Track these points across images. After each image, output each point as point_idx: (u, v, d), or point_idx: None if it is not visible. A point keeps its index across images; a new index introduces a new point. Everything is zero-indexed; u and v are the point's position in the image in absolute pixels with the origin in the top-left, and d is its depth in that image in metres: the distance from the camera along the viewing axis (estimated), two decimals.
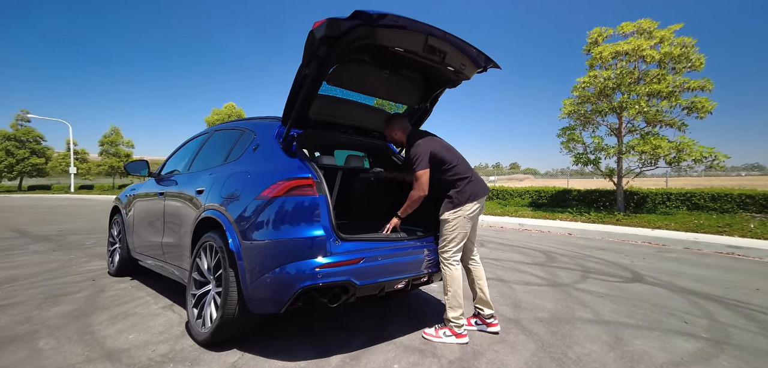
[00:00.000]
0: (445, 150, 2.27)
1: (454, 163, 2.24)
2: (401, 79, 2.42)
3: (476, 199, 2.22)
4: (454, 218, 2.19)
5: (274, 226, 1.73)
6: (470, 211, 2.21)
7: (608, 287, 3.52)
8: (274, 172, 1.90)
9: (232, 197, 1.97)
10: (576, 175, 20.29)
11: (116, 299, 2.70)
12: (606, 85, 8.94)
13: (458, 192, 2.20)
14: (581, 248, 5.79)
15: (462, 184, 2.22)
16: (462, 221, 2.19)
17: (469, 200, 2.20)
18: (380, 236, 2.10)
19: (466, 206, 2.20)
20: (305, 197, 1.77)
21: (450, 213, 2.20)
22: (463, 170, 2.26)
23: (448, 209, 2.21)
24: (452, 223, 2.20)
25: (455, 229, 2.19)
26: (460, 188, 2.20)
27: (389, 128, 2.40)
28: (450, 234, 2.20)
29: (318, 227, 1.77)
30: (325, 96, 2.27)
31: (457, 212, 2.19)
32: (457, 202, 2.20)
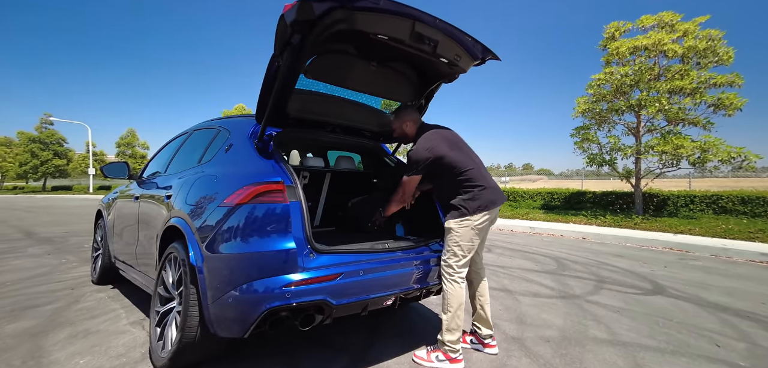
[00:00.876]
0: (456, 151, 2.01)
1: (467, 167, 1.99)
2: (390, 73, 2.19)
3: (488, 210, 1.97)
4: (459, 227, 1.95)
5: (238, 237, 1.54)
6: (479, 222, 1.96)
7: (625, 300, 3.19)
8: (241, 176, 1.71)
9: (197, 203, 1.79)
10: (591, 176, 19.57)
11: (86, 312, 2.56)
12: (623, 83, 8.46)
13: (468, 200, 1.96)
14: (596, 254, 5.42)
15: (473, 191, 1.97)
16: (468, 233, 1.95)
17: (480, 210, 1.95)
18: (363, 247, 1.88)
19: (475, 216, 1.95)
20: (274, 205, 1.57)
21: (455, 222, 1.96)
22: (477, 177, 2.00)
23: (454, 218, 1.97)
24: (457, 233, 1.96)
25: (460, 240, 1.95)
26: (471, 196, 1.96)
27: (399, 121, 2.15)
28: (454, 246, 1.96)
29: (288, 239, 1.56)
30: (305, 91, 2.07)
31: (464, 221, 1.95)
32: (466, 211, 1.95)
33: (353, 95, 2.31)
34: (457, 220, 1.96)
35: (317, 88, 2.14)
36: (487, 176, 2.06)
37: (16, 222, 8.82)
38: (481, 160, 2.12)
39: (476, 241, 1.98)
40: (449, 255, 1.98)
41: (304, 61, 1.77)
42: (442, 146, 1.99)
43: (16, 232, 7.03)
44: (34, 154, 35.50)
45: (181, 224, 1.80)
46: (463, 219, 1.95)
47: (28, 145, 35.62)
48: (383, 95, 2.37)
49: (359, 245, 1.90)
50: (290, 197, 1.63)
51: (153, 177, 2.68)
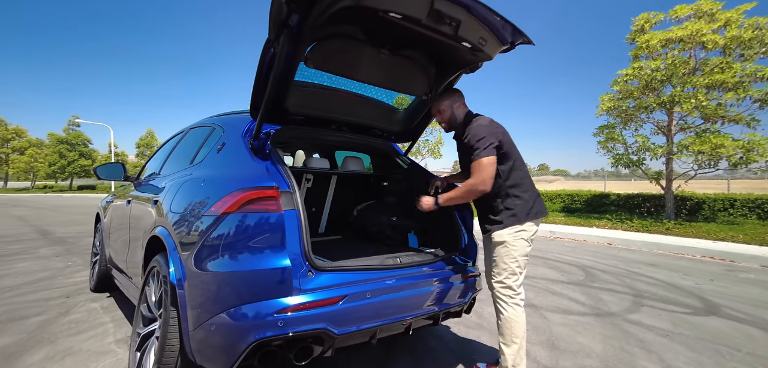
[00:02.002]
0: (512, 146, 1.75)
1: (521, 165, 1.73)
2: (404, 62, 1.91)
3: (539, 218, 1.72)
4: (514, 240, 1.67)
5: (223, 252, 1.31)
6: (533, 232, 1.71)
7: (673, 320, 2.80)
8: (230, 180, 1.48)
9: (181, 211, 1.58)
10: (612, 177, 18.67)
11: (73, 326, 2.39)
12: (654, 78, 7.87)
13: (522, 204, 1.68)
14: (626, 262, 4.98)
15: (526, 195, 1.70)
16: (524, 245, 1.69)
17: (532, 216, 1.69)
18: (371, 262, 1.61)
19: (527, 223, 1.69)
20: (267, 214, 1.33)
21: (510, 233, 1.68)
22: (528, 179, 1.74)
23: (507, 226, 1.68)
24: (513, 246, 1.68)
25: (517, 254, 1.68)
26: (524, 201, 1.69)
27: (450, 100, 1.85)
28: (511, 261, 1.69)
29: (282, 255, 1.32)
30: (306, 84, 1.82)
31: (519, 232, 1.67)
32: (517, 219, 1.67)
33: (361, 88, 2.04)
34: (511, 230, 1.68)
35: (320, 81, 1.88)
36: (531, 180, 1.81)
37: (37, 221, 9.05)
38: None
39: (527, 253, 1.72)
40: (507, 274, 1.70)
41: (303, 47, 1.53)
42: (501, 132, 1.72)
43: (34, 231, 7.16)
44: (62, 155, 37.14)
45: (163, 235, 1.59)
46: (517, 229, 1.68)
47: (57, 146, 37.32)
48: (395, 88, 2.08)
49: (366, 261, 1.64)
50: (286, 204, 1.39)
51: (149, 179, 2.51)
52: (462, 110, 1.88)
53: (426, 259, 1.78)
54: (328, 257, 1.85)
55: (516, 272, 1.69)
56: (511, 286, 1.70)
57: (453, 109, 1.88)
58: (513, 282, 1.69)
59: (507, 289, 1.70)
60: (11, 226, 8.01)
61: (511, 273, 1.69)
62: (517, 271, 1.69)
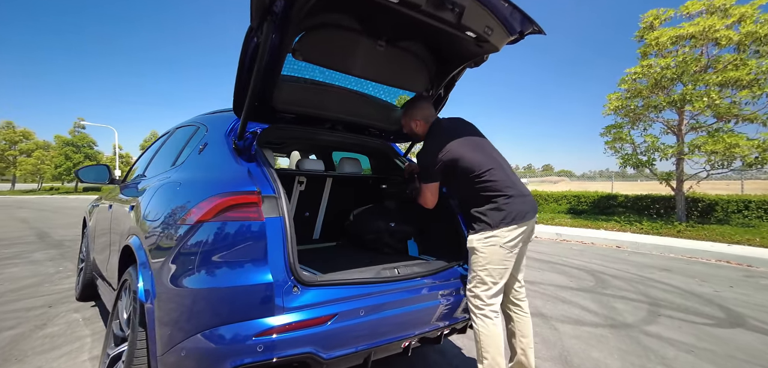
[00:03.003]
0: (476, 152, 1.63)
1: (487, 170, 1.60)
2: (402, 55, 1.75)
3: (518, 222, 1.56)
4: (484, 247, 1.55)
5: (197, 266, 1.16)
6: (509, 238, 1.55)
7: (696, 333, 2.60)
8: (207, 184, 1.34)
9: (154, 218, 1.44)
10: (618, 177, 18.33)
11: (48, 341, 2.24)
12: (663, 76, 7.64)
13: (492, 210, 1.56)
14: (638, 266, 4.77)
15: (498, 200, 1.57)
16: (497, 253, 1.54)
17: (507, 222, 1.54)
18: (365, 274, 1.46)
19: (501, 230, 1.54)
20: (246, 222, 1.19)
21: (479, 239, 1.57)
22: (501, 182, 1.60)
23: (477, 233, 1.58)
24: (483, 254, 1.55)
25: (487, 262, 1.55)
26: (494, 206, 1.57)
27: (407, 117, 1.83)
28: (480, 270, 1.56)
29: (263, 269, 1.17)
30: (294, 78, 1.67)
31: (489, 238, 1.55)
32: (488, 225, 1.56)
33: (356, 84, 1.88)
34: (481, 236, 1.56)
35: (312, 75, 1.73)
36: (515, 181, 1.66)
37: (38, 223, 9.02)
38: (507, 161, 1.71)
39: (509, 262, 1.57)
40: (476, 282, 1.57)
41: (290, 37, 1.39)
42: (456, 146, 1.63)
43: (34, 234, 7.10)
44: (67, 156, 37.51)
45: (135, 245, 1.45)
46: (487, 235, 1.55)
47: (63, 148, 37.71)
48: (393, 83, 1.92)
49: (360, 273, 1.48)
50: (269, 211, 1.24)
51: (133, 181, 2.38)
52: (422, 126, 1.80)
53: (427, 269, 1.62)
54: (321, 266, 1.69)
55: (485, 282, 1.55)
56: (479, 296, 1.56)
57: (412, 125, 1.81)
58: (481, 291, 1.56)
59: (475, 298, 1.58)
60: (12, 228, 7.98)
61: (480, 282, 1.56)
62: (486, 280, 1.55)
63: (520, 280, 1.75)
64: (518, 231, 1.56)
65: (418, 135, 1.83)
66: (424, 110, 1.79)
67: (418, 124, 1.79)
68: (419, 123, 1.79)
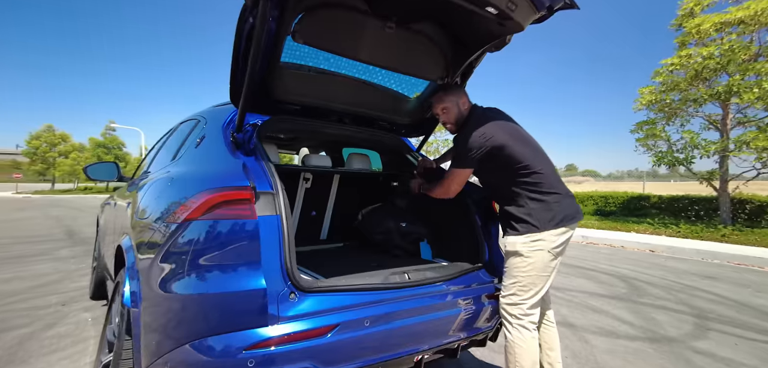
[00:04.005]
0: (520, 143, 1.46)
1: (535, 166, 1.43)
2: (414, 38, 1.57)
3: (567, 224, 1.39)
4: (529, 251, 1.38)
5: (183, 269, 1.05)
6: (558, 243, 1.38)
7: (758, 353, 2.26)
8: (200, 179, 1.23)
9: (145, 216, 1.35)
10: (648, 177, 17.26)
11: (54, 342, 2.22)
12: (706, 66, 7.00)
13: (540, 209, 1.39)
14: (676, 273, 4.35)
15: (548, 198, 1.40)
16: (542, 258, 1.37)
17: (555, 223, 1.37)
18: (371, 279, 1.30)
19: (548, 233, 1.37)
20: (238, 221, 1.06)
21: (523, 242, 1.39)
22: (550, 179, 1.43)
23: (520, 234, 1.40)
24: (527, 258, 1.38)
25: (531, 268, 1.38)
26: (544, 204, 1.39)
27: (454, 96, 1.62)
28: (522, 275, 1.39)
29: (255, 273, 1.05)
30: (297, 66, 1.53)
31: (536, 242, 1.37)
32: (534, 226, 1.38)
33: (365, 72, 1.72)
34: (526, 239, 1.38)
35: (315, 63, 1.58)
36: (561, 181, 1.48)
37: (69, 221, 9.49)
38: (551, 162, 1.52)
39: (551, 269, 1.40)
40: (515, 289, 1.40)
41: (289, 17, 1.26)
42: (501, 133, 1.44)
43: (63, 232, 7.44)
44: (99, 158, 39.85)
45: (125, 245, 1.37)
46: (533, 238, 1.37)
47: (95, 150, 40.11)
48: (404, 70, 1.73)
49: (366, 277, 1.32)
50: (264, 209, 1.12)
51: (139, 178, 2.34)
52: (467, 106, 1.61)
53: (441, 275, 1.44)
54: (325, 269, 1.55)
55: (527, 289, 1.38)
56: (517, 304, 1.39)
57: (459, 106, 1.60)
58: (521, 299, 1.39)
59: (512, 307, 1.40)
60: (45, 226, 8.42)
61: (521, 290, 1.39)
62: (528, 288, 1.38)
63: (549, 292, 1.55)
64: (567, 236, 1.39)
65: (463, 117, 1.61)
66: (461, 93, 1.63)
67: (464, 103, 1.60)
68: (465, 102, 1.60)
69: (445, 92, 1.63)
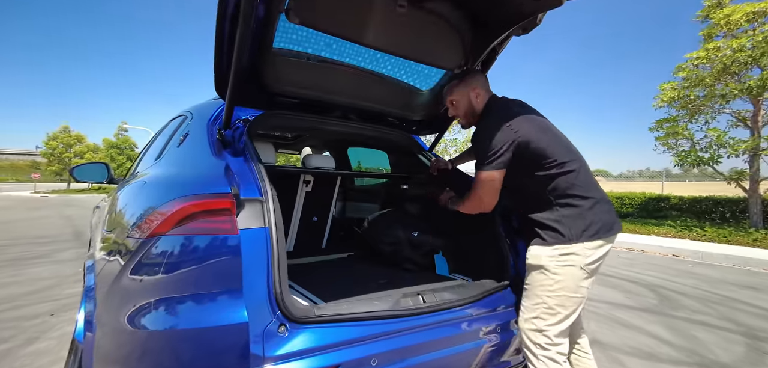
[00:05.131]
0: (549, 137, 1.22)
1: (567, 162, 1.19)
2: (429, 19, 1.33)
3: (604, 236, 1.15)
4: (558, 266, 1.13)
5: (146, 297, 0.85)
6: (593, 258, 1.13)
7: None
8: (173, 184, 1.04)
9: (111, 229, 1.16)
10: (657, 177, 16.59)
11: (32, 360, 2.03)
12: (736, 59, 6.57)
13: (571, 217, 1.15)
14: (709, 282, 4.01)
15: (581, 204, 1.16)
16: (574, 276, 1.13)
17: (590, 235, 1.13)
18: (379, 305, 1.08)
19: (581, 245, 1.12)
20: (215, 237, 0.86)
21: (551, 255, 1.14)
22: (584, 180, 1.19)
23: (548, 245, 1.16)
24: (555, 276, 1.13)
25: (560, 288, 1.13)
26: (576, 211, 1.15)
27: (465, 86, 1.38)
28: (548, 295, 1.14)
29: (234, 303, 0.85)
30: (295, 53, 1.32)
31: (567, 256, 1.13)
32: (565, 235, 1.14)
33: (372, 61, 1.49)
34: (554, 251, 1.14)
35: (315, 50, 1.36)
36: (597, 183, 1.23)
37: (80, 220, 9.55)
38: (584, 159, 1.26)
39: (585, 288, 1.15)
40: (541, 312, 1.15)
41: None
42: (526, 126, 1.19)
43: (71, 233, 7.43)
44: (112, 158, 40.68)
45: (88, 264, 1.18)
46: (563, 251, 1.13)
47: (109, 150, 40.98)
48: (417, 57, 1.49)
49: (374, 302, 1.10)
50: (250, 220, 0.92)
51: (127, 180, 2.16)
52: (483, 98, 1.37)
53: (462, 297, 1.21)
54: (327, 288, 1.34)
55: (554, 313, 1.13)
56: (542, 330, 1.14)
57: (471, 98, 1.34)
58: (548, 324, 1.13)
59: (537, 333, 1.15)
60: (54, 226, 8.46)
61: (547, 313, 1.14)
62: (557, 311, 1.13)
63: (581, 317, 1.32)
64: (604, 250, 1.14)
65: (476, 111, 1.37)
66: (482, 79, 1.39)
67: (479, 94, 1.35)
68: (480, 93, 1.35)
69: (457, 81, 1.40)
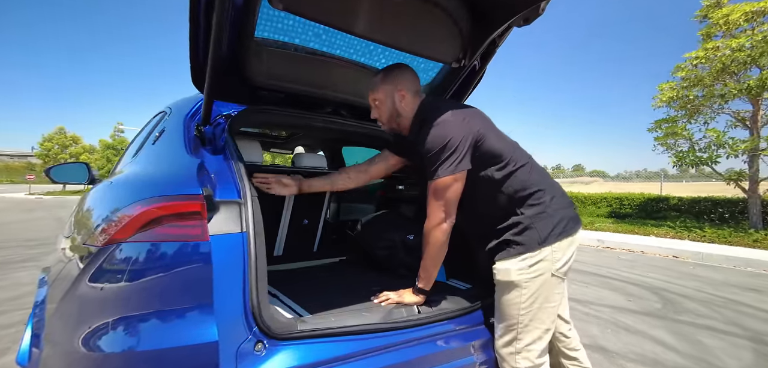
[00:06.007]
0: (497, 133, 1.13)
1: (519, 160, 1.08)
2: (425, 7, 1.24)
3: (570, 232, 1.05)
4: (528, 277, 1.01)
5: (102, 313, 0.75)
6: (563, 260, 1.04)
7: None
8: (139, 185, 0.95)
9: (69, 236, 1.07)
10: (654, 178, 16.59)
11: None
12: (734, 59, 6.55)
13: (539, 217, 1.03)
14: (712, 284, 3.94)
15: (542, 199, 1.05)
16: (547, 285, 1.02)
17: (560, 233, 1.03)
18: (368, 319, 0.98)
19: (549, 249, 1.02)
20: (183, 243, 0.77)
21: (519, 267, 1.02)
22: (538, 176, 1.09)
23: (516, 255, 1.03)
24: (526, 289, 1.01)
25: (533, 302, 1.01)
26: (541, 208, 1.04)
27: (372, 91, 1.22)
28: (523, 314, 1.02)
29: (203, 319, 0.75)
30: (280, 45, 1.22)
31: (536, 265, 1.01)
32: (537, 238, 1.02)
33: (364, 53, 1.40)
34: (521, 262, 1.02)
35: (303, 41, 1.26)
36: (550, 177, 1.14)
37: None
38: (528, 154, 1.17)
39: (558, 295, 1.04)
40: (515, 333, 1.03)
41: None
42: (477, 120, 1.09)
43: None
44: (108, 159, 40.37)
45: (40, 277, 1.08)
46: (530, 259, 1.01)
47: (105, 151, 40.67)
48: (411, 49, 1.38)
49: (363, 314, 1.01)
50: (223, 224, 0.83)
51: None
52: (408, 102, 1.18)
53: (459, 307, 1.12)
54: (315, 296, 1.24)
55: (530, 330, 1.01)
56: (521, 352, 1.02)
57: (395, 99, 1.18)
58: (525, 345, 1.01)
59: (516, 357, 1.02)
60: (47, 227, 8.29)
61: (524, 331, 1.01)
62: (533, 328, 1.01)
63: (566, 319, 1.21)
64: (573, 248, 1.05)
65: (401, 116, 1.18)
66: (410, 79, 1.20)
67: (404, 97, 1.16)
68: (405, 96, 1.16)
69: (381, 77, 1.20)
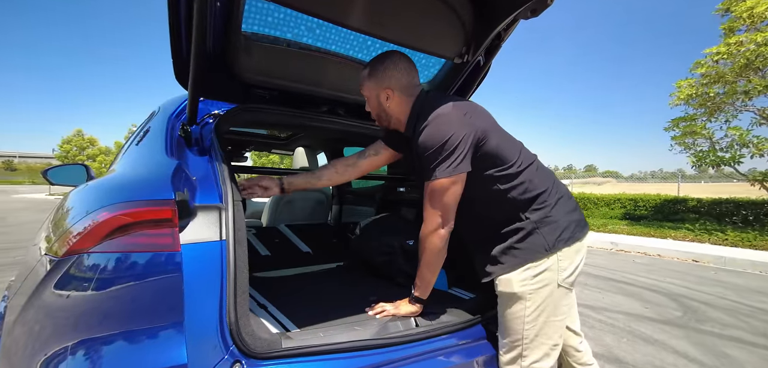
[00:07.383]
0: (500, 129, 1.03)
1: (524, 162, 0.98)
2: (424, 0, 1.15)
3: (578, 238, 0.97)
4: (533, 289, 0.93)
5: (61, 332, 0.68)
6: (570, 270, 0.95)
7: None
8: (109, 189, 0.88)
9: (35, 244, 1.01)
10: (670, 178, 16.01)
11: None
12: (759, 54, 6.23)
13: (545, 222, 0.94)
14: (736, 290, 3.73)
15: (547, 202, 0.96)
16: (553, 296, 0.93)
17: (567, 238, 0.94)
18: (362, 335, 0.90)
19: (555, 257, 0.93)
20: (152, 254, 0.70)
21: (522, 278, 0.93)
22: (543, 178, 0.99)
23: (518, 266, 0.94)
24: (530, 304, 0.93)
25: (539, 315, 0.93)
26: (546, 212, 0.95)
27: (365, 86, 1.11)
28: (528, 329, 0.93)
29: (171, 338, 0.68)
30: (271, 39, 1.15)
31: (540, 273, 0.92)
32: (544, 244, 0.93)
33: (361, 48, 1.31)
34: (524, 272, 0.93)
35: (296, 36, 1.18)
36: (555, 177, 1.04)
37: None
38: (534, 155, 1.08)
39: (564, 306, 0.95)
40: (520, 349, 0.94)
41: None
42: (480, 117, 0.98)
43: None
44: None
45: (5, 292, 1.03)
46: (534, 269, 0.92)
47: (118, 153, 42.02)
48: (411, 44, 1.28)
49: (356, 328, 0.92)
50: (199, 231, 0.77)
51: None
52: (397, 103, 1.06)
53: (461, 319, 1.03)
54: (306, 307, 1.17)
55: (537, 346, 0.93)
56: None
57: (380, 99, 1.07)
58: (531, 362, 0.94)
59: None
60: None
61: (529, 347, 0.93)
62: (539, 344, 0.93)
63: (576, 331, 1.10)
64: (582, 254, 0.97)
65: (389, 116, 1.08)
66: (401, 79, 1.05)
67: (390, 97, 1.05)
68: (392, 96, 1.05)
69: (367, 73, 1.09)
